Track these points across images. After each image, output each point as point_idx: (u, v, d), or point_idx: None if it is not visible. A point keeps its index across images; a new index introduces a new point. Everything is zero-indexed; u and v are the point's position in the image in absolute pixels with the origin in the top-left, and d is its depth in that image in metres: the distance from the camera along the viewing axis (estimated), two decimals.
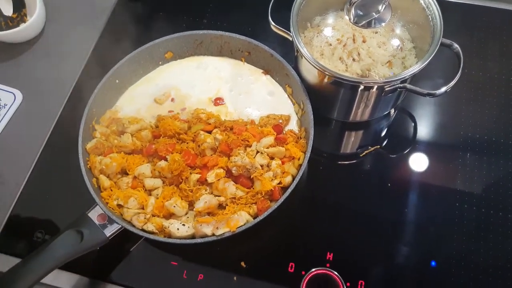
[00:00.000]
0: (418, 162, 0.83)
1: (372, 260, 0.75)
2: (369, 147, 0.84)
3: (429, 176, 0.82)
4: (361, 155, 0.84)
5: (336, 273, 0.72)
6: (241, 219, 0.68)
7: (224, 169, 0.73)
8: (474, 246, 0.75)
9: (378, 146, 0.84)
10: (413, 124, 0.87)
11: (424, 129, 0.86)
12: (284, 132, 0.79)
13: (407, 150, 0.84)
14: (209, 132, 0.78)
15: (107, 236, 0.69)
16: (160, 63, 0.87)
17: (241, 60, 0.87)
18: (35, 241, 0.77)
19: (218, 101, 0.84)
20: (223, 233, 0.68)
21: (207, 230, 0.68)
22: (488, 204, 0.78)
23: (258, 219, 0.68)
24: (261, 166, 0.74)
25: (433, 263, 0.74)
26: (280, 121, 0.80)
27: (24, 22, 0.97)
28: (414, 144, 0.85)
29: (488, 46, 0.93)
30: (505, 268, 0.73)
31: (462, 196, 0.79)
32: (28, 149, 0.86)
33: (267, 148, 0.75)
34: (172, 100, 0.84)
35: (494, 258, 0.74)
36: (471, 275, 0.73)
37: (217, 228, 0.68)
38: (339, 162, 0.86)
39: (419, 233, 0.77)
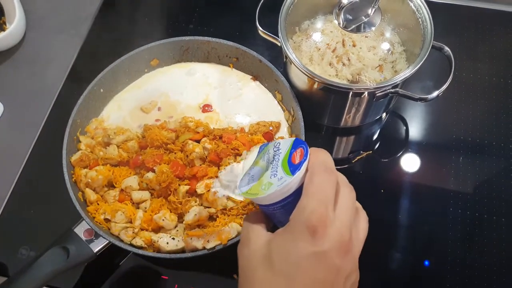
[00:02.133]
0: (411, 165, 0.82)
1: (366, 266, 0.73)
2: (361, 152, 0.83)
3: (421, 178, 0.81)
4: (353, 161, 0.83)
5: None
6: (232, 231, 0.67)
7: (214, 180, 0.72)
8: (467, 245, 0.75)
9: (370, 151, 0.83)
10: (404, 127, 0.86)
11: (415, 132, 0.86)
12: (274, 139, 0.78)
13: (399, 154, 0.83)
14: (198, 141, 0.76)
15: (95, 252, 0.67)
16: (146, 70, 0.86)
17: (229, 66, 0.85)
18: (19, 257, 0.75)
19: (206, 108, 0.82)
20: (214, 246, 0.66)
21: (198, 243, 0.66)
22: (480, 205, 0.78)
23: None
24: None
25: (426, 262, 0.74)
26: (271, 128, 0.78)
27: (4, 30, 0.94)
28: (406, 148, 0.84)
29: (478, 47, 0.93)
30: (500, 266, 0.73)
31: (455, 197, 0.79)
32: (10, 162, 0.83)
33: None
34: (159, 109, 0.82)
35: (488, 256, 0.74)
36: (466, 272, 0.73)
37: (207, 241, 0.66)
38: None
39: (413, 234, 0.76)
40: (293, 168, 0.45)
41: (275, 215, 0.47)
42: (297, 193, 0.45)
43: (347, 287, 0.44)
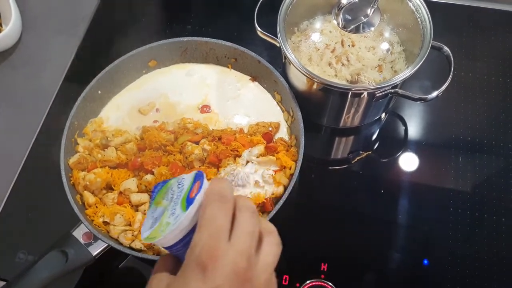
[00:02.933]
0: (410, 165, 0.82)
1: (367, 268, 0.74)
2: (361, 153, 0.83)
3: (421, 178, 0.81)
4: (352, 161, 0.83)
5: (331, 284, 0.70)
6: None
7: None
8: (467, 245, 0.75)
9: (370, 152, 0.83)
10: (404, 127, 0.86)
11: (415, 132, 0.85)
12: (274, 140, 0.77)
13: (399, 154, 0.83)
14: (197, 142, 0.75)
15: (93, 255, 0.66)
16: (144, 71, 0.85)
17: (228, 67, 0.85)
18: (17, 261, 0.74)
19: (205, 109, 0.81)
20: None
21: None
22: (480, 204, 0.78)
23: None
24: (252, 176, 0.72)
25: (425, 261, 0.74)
26: (270, 128, 0.78)
27: None
28: (405, 148, 0.84)
29: (477, 47, 0.93)
30: (500, 266, 0.73)
31: (455, 197, 0.79)
32: (7, 165, 0.83)
33: (258, 157, 0.73)
34: (157, 110, 0.81)
35: (487, 256, 0.74)
36: (466, 272, 0.73)
37: None
38: (331, 169, 0.85)
39: (412, 234, 0.76)
40: (188, 203, 0.42)
41: (182, 255, 0.43)
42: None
43: None
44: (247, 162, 0.73)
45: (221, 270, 0.39)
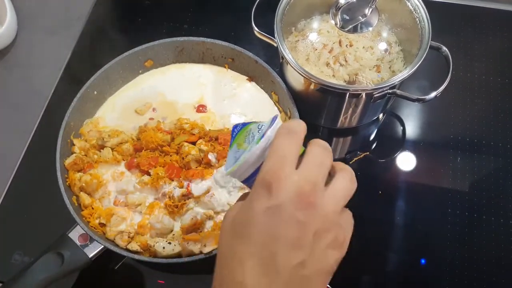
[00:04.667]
0: (408, 165, 0.82)
1: (364, 268, 0.74)
2: (359, 153, 0.83)
3: (419, 178, 0.81)
4: (350, 162, 0.82)
5: (328, 284, 0.70)
6: None
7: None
8: (465, 245, 0.75)
9: (368, 152, 0.83)
10: (401, 128, 0.86)
11: (413, 132, 0.85)
12: None
13: (397, 154, 0.83)
14: (194, 143, 0.75)
15: (90, 257, 0.66)
16: (140, 71, 0.84)
17: (225, 67, 0.84)
18: (13, 263, 0.74)
19: (201, 108, 0.81)
20: (211, 251, 0.65)
21: (195, 248, 0.65)
22: (478, 205, 0.78)
23: None
24: None
25: (423, 261, 0.74)
26: None
27: None
28: (403, 148, 0.83)
29: (475, 46, 0.92)
30: (498, 266, 0.73)
31: (453, 197, 0.78)
32: (2, 166, 0.82)
33: None
34: (154, 110, 0.81)
35: (486, 257, 0.74)
36: (464, 272, 0.72)
37: (204, 245, 0.66)
38: None
39: (410, 235, 0.76)
40: (261, 139, 0.45)
41: None
42: None
43: (321, 247, 0.41)
44: None
45: (284, 190, 0.40)
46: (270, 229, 0.40)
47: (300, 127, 0.44)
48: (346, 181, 0.44)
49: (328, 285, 0.70)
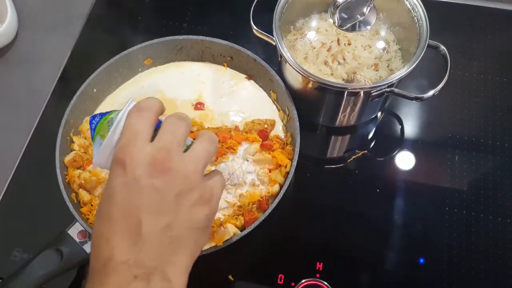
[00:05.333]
0: (406, 164, 0.82)
1: (362, 267, 0.74)
2: (357, 151, 0.83)
3: (417, 177, 0.81)
4: (348, 160, 0.82)
5: (326, 283, 0.70)
6: (227, 232, 0.66)
7: None
8: (463, 244, 0.75)
9: (366, 151, 0.83)
10: (400, 126, 0.86)
11: (411, 130, 0.85)
12: (269, 137, 0.77)
13: (395, 153, 0.83)
14: None
15: (88, 253, 0.66)
16: (140, 69, 0.85)
17: (224, 65, 0.85)
18: (12, 260, 0.74)
19: (199, 106, 0.81)
20: (209, 248, 0.65)
21: None
22: (476, 204, 0.78)
23: (245, 232, 0.66)
24: (248, 174, 0.72)
25: (421, 260, 0.74)
26: (266, 126, 0.78)
27: None
28: (401, 147, 0.84)
29: (473, 46, 0.92)
30: (496, 265, 0.73)
31: (451, 196, 0.78)
32: (2, 163, 0.82)
33: (253, 155, 0.73)
34: None
35: (484, 255, 0.74)
36: (462, 271, 0.72)
37: None
38: (327, 168, 0.84)
39: (408, 233, 0.76)
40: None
41: None
42: None
43: (186, 206, 0.43)
44: (243, 160, 0.73)
45: (137, 162, 0.42)
46: (129, 202, 0.41)
47: (150, 103, 0.46)
48: (204, 144, 0.46)
49: (326, 283, 0.70)
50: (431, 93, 0.69)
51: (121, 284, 0.40)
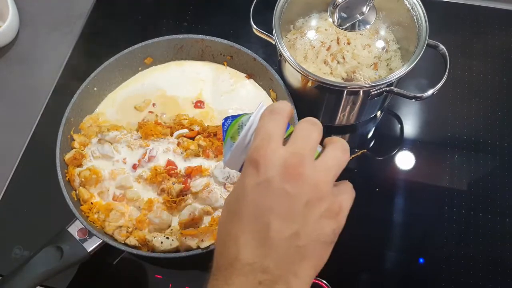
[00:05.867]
0: (406, 163, 0.82)
1: (361, 266, 0.74)
2: (356, 151, 0.83)
3: (416, 176, 0.81)
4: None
5: (325, 282, 0.70)
6: None
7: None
8: (462, 243, 0.75)
9: (365, 150, 0.83)
10: (399, 126, 0.86)
11: (410, 130, 0.85)
12: None
13: (394, 152, 0.83)
14: (192, 138, 0.76)
15: (88, 251, 0.67)
16: (140, 68, 0.85)
17: (224, 64, 0.85)
18: (13, 257, 0.75)
19: (198, 104, 0.82)
20: (209, 246, 0.66)
21: (192, 243, 0.66)
22: (475, 203, 0.78)
23: None
24: None
25: (421, 260, 0.74)
26: None
27: None
28: (401, 146, 0.84)
29: (473, 45, 0.92)
30: (494, 264, 0.73)
31: (450, 196, 0.78)
32: (3, 161, 0.83)
33: None
34: (154, 105, 0.82)
35: (482, 255, 0.74)
36: (460, 270, 0.73)
37: (202, 240, 0.66)
38: None
39: (408, 233, 0.76)
40: None
41: None
42: None
43: (314, 217, 0.42)
44: None
45: (271, 165, 0.41)
46: (260, 203, 0.41)
47: (282, 106, 0.45)
48: (336, 152, 0.45)
49: (327, 283, 0.70)
50: (430, 92, 0.70)
51: (246, 287, 0.40)
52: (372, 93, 0.71)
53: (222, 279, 0.41)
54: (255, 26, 0.76)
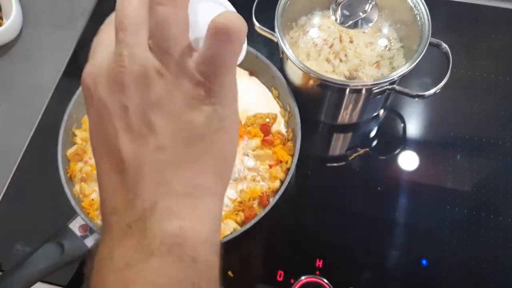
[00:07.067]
0: (408, 162, 0.82)
1: (362, 265, 0.74)
2: (358, 149, 0.83)
3: (419, 176, 0.80)
4: (350, 158, 0.82)
5: (326, 280, 0.70)
6: (227, 227, 0.66)
7: None
8: (464, 244, 0.74)
9: (367, 149, 0.83)
10: (402, 125, 0.86)
11: (413, 129, 0.85)
12: (271, 132, 0.77)
13: (397, 151, 0.83)
14: None
15: (89, 247, 0.66)
16: None
17: None
18: (14, 253, 0.75)
19: None
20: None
21: None
22: (478, 203, 0.78)
23: (245, 227, 0.66)
24: (249, 169, 0.72)
25: (424, 261, 0.73)
26: (267, 120, 0.78)
27: (0, 25, 0.94)
28: (403, 145, 0.83)
29: (476, 44, 0.92)
30: (497, 265, 0.73)
31: (453, 196, 0.78)
32: (6, 158, 0.83)
33: (254, 150, 0.73)
34: None
35: (485, 255, 0.73)
36: (463, 271, 0.72)
37: None
38: (328, 165, 0.84)
39: (410, 233, 0.76)
40: None
41: None
42: None
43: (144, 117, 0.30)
44: (243, 155, 0.73)
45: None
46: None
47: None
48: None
49: (325, 280, 0.70)
50: (432, 91, 0.69)
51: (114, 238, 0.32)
52: (375, 91, 0.71)
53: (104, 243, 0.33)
54: (257, 24, 0.76)
